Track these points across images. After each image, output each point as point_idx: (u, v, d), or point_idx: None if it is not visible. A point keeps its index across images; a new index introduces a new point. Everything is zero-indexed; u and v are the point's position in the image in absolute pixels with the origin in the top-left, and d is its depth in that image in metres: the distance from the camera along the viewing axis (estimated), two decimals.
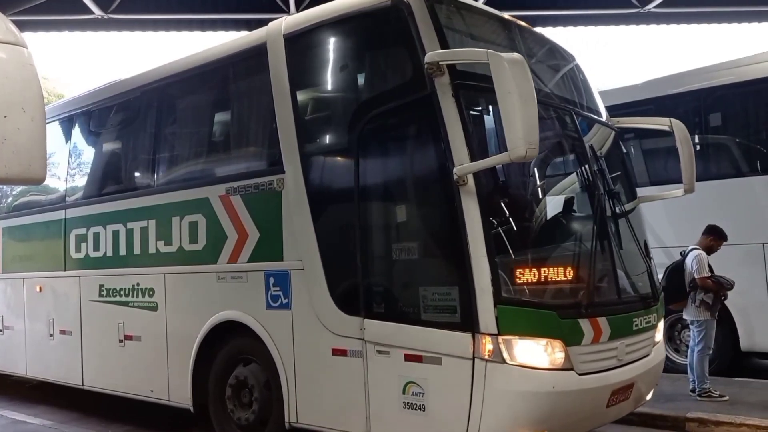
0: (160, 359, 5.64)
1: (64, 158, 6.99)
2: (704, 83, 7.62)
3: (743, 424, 5.25)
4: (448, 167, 3.80)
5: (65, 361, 6.71)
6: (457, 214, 3.75)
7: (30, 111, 2.37)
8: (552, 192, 4.52)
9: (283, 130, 4.75)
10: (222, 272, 5.14)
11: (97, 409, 6.79)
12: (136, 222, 5.92)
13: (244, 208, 5.00)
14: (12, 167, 2.34)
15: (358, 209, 4.26)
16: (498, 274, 3.66)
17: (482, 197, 3.75)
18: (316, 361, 4.50)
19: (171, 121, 5.91)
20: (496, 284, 3.64)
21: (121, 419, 6.44)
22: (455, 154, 3.78)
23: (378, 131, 4.27)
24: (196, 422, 5.71)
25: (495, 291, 3.64)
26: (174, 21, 12.72)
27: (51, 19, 12.32)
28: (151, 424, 6.21)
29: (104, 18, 11.88)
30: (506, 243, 3.82)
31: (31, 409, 7.19)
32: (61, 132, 7.11)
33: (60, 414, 6.90)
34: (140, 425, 6.24)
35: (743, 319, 7.01)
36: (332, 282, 4.40)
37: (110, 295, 6.18)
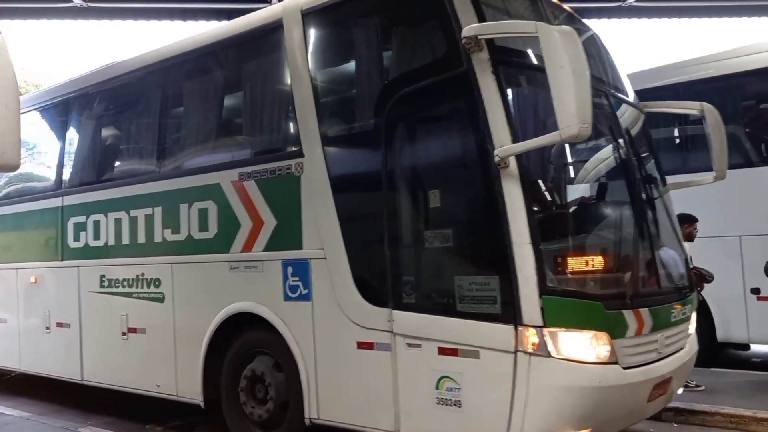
0: (168, 353, 5.38)
1: (61, 143, 6.67)
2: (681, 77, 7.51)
3: (718, 413, 5.27)
4: (487, 149, 3.57)
5: (63, 355, 6.41)
6: (498, 199, 3.53)
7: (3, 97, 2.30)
8: (594, 177, 4.31)
9: (302, 112, 4.49)
10: (235, 261, 4.88)
11: (78, 401, 6.64)
12: (140, 209, 5.63)
13: (259, 194, 4.74)
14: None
15: (386, 195, 4.01)
16: (543, 263, 3.44)
17: (525, 181, 3.52)
18: (340, 354, 4.27)
19: (178, 103, 5.61)
20: (541, 273, 3.43)
21: (102, 411, 6.29)
22: (495, 135, 3.55)
23: (407, 111, 4.02)
24: (181, 414, 5.69)
25: (540, 280, 3.42)
26: (154, 10, 12.40)
27: (29, 7, 11.95)
28: (132, 416, 6.05)
29: (84, 6, 11.53)
30: (550, 229, 3.61)
31: (10, 401, 7.02)
32: (58, 116, 6.79)
33: (39, 406, 6.74)
34: (121, 417, 6.09)
35: (720, 310, 7.03)
36: (357, 272, 4.16)
37: (112, 286, 5.90)
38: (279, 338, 4.61)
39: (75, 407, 6.54)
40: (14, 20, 12.42)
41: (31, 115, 7.11)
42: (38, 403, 6.86)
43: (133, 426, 5.82)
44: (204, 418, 5.48)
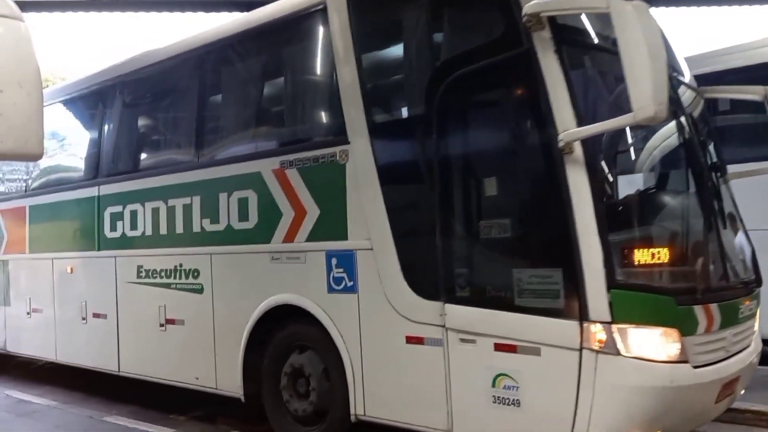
0: (207, 345, 5.27)
1: (97, 132, 6.58)
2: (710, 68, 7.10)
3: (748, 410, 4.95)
4: (549, 133, 3.36)
5: (99, 345, 6.35)
6: (561, 187, 3.32)
7: (27, 86, 2.32)
8: (660, 164, 4.07)
9: (348, 98, 4.32)
10: (276, 252, 4.74)
11: (102, 390, 6.64)
12: (178, 199, 5.51)
13: (301, 182, 4.58)
14: (7, 143, 2.30)
15: (438, 182, 3.82)
16: (611, 255, 3.23)
17: (591, 167, 3.31)
18: (387, 349, 4.10)
19: (217, 91, 5.47)
20: (609, 265, 3.21)
21: (126, 400, 6.28)
22: (559, 119, 3.33)
23: (461, 95, 3.82)
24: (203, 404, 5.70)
25: (608, 273, 3.21)
26: (178, 2, 12.33)
27: (53, 1, 11.94)
28: (156, 405, 6.02)
29: None
30: (617, 219, 3.39)
31: (36, 389, 7.11)
32: (94, 104, 6.71)
33: (64, 394, 6.79)
34: (145, 406, 6.06)
35: None
36: (406, 263, 3.99)
37: (150, 277, 5.80)
38: (322, 331, 4.46)
39: (99, 396, 6.56)
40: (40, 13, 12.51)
41: (67, 105, 7.07)
42: (63, 391, 6.93)
43: (157, 415, 5.81)
44: (225, 408, 5.51)
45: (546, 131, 3.39)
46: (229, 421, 5.49)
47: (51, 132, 7.36)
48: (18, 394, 6.95)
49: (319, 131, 4.60)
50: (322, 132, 4.58)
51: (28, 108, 2.34)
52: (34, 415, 6.10)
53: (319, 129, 4.61)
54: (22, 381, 7.55)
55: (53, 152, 7.29)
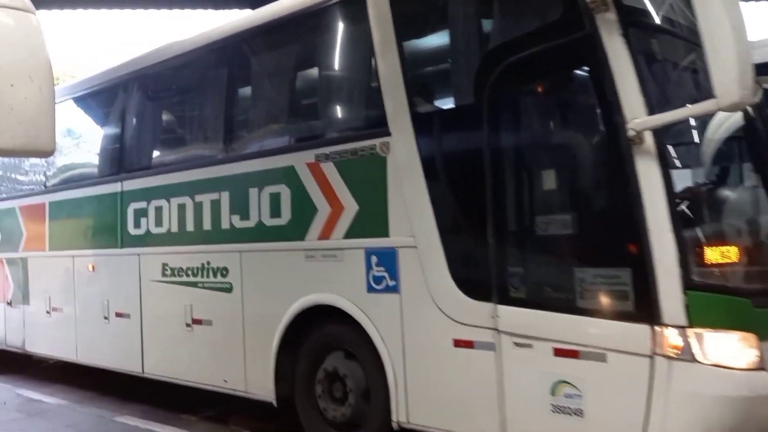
0: (236, 346, 5.06)
1: (119, 126, 6.39)
2: None
3: None
4: (616, 122, 3.12)
5: (122, 346, 6.16)
6: (630, 180, 3.07)
7: (38, 80, 2.29)
8: (732, 157, 3.82)
9: (389, 87, 4.09)
10: (311, 250, 4.52)
11: (112, 390, 6.59)
12: (205, 194, 5.30)
13: (338, 176, 4.36)
14: (18, 138, 2.26)
15: (490, 175, 3.58)
16: (686, 253, 2.98)
17: (663, 159, 3.06)
18: (433, 353, 3.88)
19: (246, 82, 5.25)
20: (684, 265, 2.97)
21: (138, 399, 6.22)
22: (627, 107, 3.09)
23: (515, 82, 3.58)
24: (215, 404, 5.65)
25: (683, 273, 2.96)
26: None
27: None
28: (167, 405, 5.94)
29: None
30: (693, 215, 3.15)
31: (48, 388, 7.06)
32: (116, 98, 6.51)
33: (75, 393, 6.74)
34: (156, 405, 5.99)
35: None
36: (454, 262, 3.76)
37: (176, 275, 5.60)
38: (361, 333, 4.24)
39: (110, 395, 6.50)
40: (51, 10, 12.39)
41: (88, 98, 6.88)
42: (74, 390, 6.86)
43: (168, 415, 5.73)
44: (236, 407, 5.46)
45: (612, 120, 3.14)
46: (240, 421, 5.41)
47: (72, 126, 7.20)
48: (29, 392, 6.88)
49: (357, 123, 4.37)
50: (361, 124, 4.35)
51: (39, 103, 2.29)
52: (45, 414, 6.05)
53: (358, 120, 4.37)
54: (33, 379, 7.50)
55: (74, 147, 7.12)
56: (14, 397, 6.77)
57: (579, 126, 3.46)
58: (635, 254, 3.07)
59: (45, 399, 6.56)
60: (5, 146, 2.27)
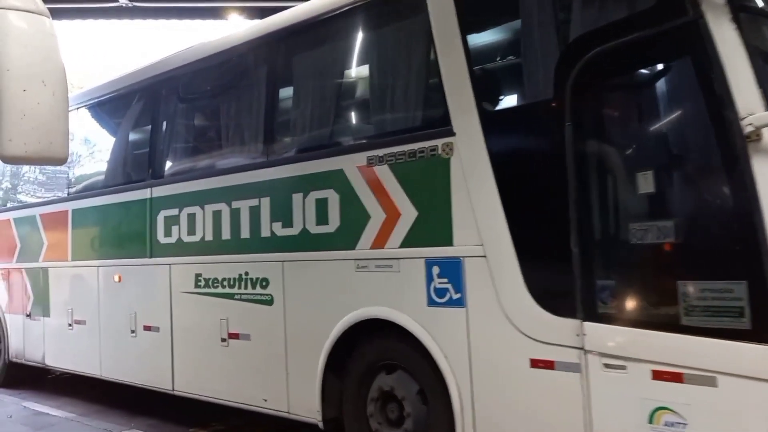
0: (277, 363, 4.72)
1: (148, 130, 6.09)
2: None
3: None
4: (728, 118, 2.78)
5: (151, 361, 5.84)
6: (746, 181, 2.73)
7: (51, 85, 2.24)
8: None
9: (452, 83, 3.76)
10: (363, 260, 4.19)
11: (121, 402, 6.53)
12: (244, 200, 4.98)
13: (394, 180, 4.03)
14: (31, 145, 2.21)
15: (574, 178, 3.24)
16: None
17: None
18: (506, 374, 3.53)
19: (289, 80, 4.94)
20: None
21: (146, 413, 6.14)
22: (741, 101, 2.75)
23: (603, 75, 3.24)
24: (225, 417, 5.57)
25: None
26: (200, 9, 11.98)
27: (76, 8, 11.74)
28: (176, 418, 5.85)
29: (129, 6, 11.30)
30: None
31: (54, 400, 7.00)
32: (144, 100, 6.22)
33: (83, 406, 6.68)
34: (164, 419, 5.92)
35: None
36: (531, 274, 3.41)
37: (210, 286, 5.28)
38: (419, 350, 3.90)
39: (118, 408, 6.42)
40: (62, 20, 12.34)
41: (115, 101, 6.59)
42: (81, 403, 6.80)
43: (177, 428, 5.65)
44: (248, 421, 5.38)
45: (723, 116, 2.80)
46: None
47: (97, 130, 6.92)
48: (35, 405, 6.79)
49: (415, 122, 4.04)
50: (420, 123, 4.01)
51: (52, 108, 2.24)
52: (52, 428, 5.96)
53: (415, 119, 4.04)
54: (41, 392, 7.39)
55: (99, 151, 6.83)
56: (20, 410, 6.67)
57: (681, 123, 3.11)
58: (752, 265, 2.72)
59: (52, 412, 6.46)
60: (17, 153, 2.20)
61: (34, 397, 7.17)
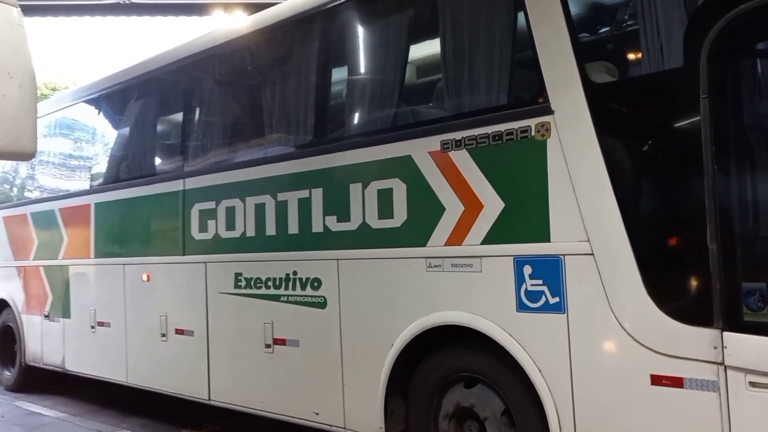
0: (331, 373, 4.23)
1: (181, 116, 5.60)
2: None
3: None
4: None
5: (184, 368, 5.36)
6: None
7: (18, 77, 2.20)
8: None
9: (549, 52, 3.26)
10: (436, 258, 3.68)
11: (114, 402, 6.51)
12: (291, 192, 4.49)
13: (474, 167, 3.53)
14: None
15: (709, 161, 2.72)
16: None
17: None
18: (619, 391, 3.01)
19: (345, 55, 4.43)
20: None
21: (139, 413, 6.13)
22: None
23: (750, 39, 2.73)
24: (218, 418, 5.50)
25: None
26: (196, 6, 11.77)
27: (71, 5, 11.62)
28: (168, 419, 5.82)
29: (125, 3, 11.12)
30: None
31: (47, 400, 6.97)
32: (175, 84, 5.74)
33: (75, 406, 6.66)
34: (157, 419, 5.90)
35: None
36: (653, 274, 2.90)
37: (252, 287, 4.79)
38: (505, 362, 3.40)
39: (111, 408, 6.40)
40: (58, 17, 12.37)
41: (143, 85, 6.11)
42: (74, 403, 6.79)
43: (169, 429, 5.62)
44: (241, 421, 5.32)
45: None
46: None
47: (122, 117, 6.44)
48: (28, 405, 6.73)
49: (500, 99, 3.52)
50: (508, 100, 3.50)
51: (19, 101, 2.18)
52: (44, 428, 5.89)
53: (501, 96, 3.52)
54: (34, 392, 7.30)
55: (125, 140, 6.35)
56: (13, 410, 6.57)
57: None
58: None
59: (45, 412, 6.41)
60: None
61: (27, 396, 7.09)
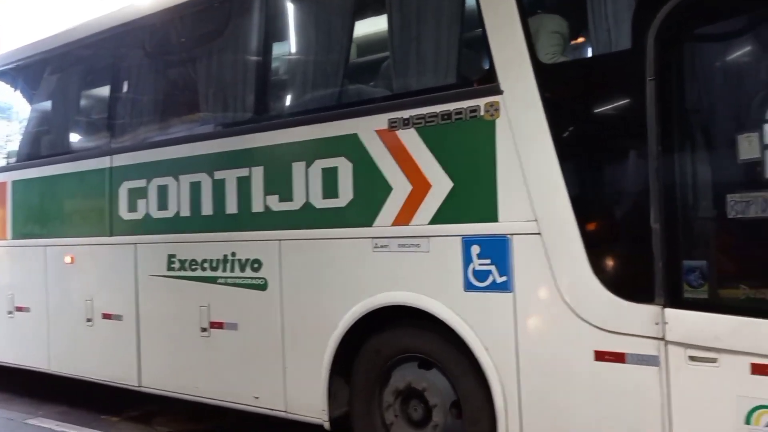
0: (272, 356, 4.13)
1: (109, 88, 5.29)
2: None
3: None
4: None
5: (112, 354, 5.11)
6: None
7: None
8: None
9: (499, 33, 3.25)
10: (383, 238, 3.64)
11: (28, 390, 6.20)
12: (230, 170, 4.34)
13: (423, 146, 3.50)
14: None
15: (653, 142, 2.79)
16: None
17: None
18: (563, 368, 3.07)
19: (288, 29, 4.28)
20: None
21: (54, 400, 5.88)
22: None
23: (697, 22, 2.80)
24: (138, 403, 5.40)
25: None
26: None
27: None
28: (86, 405, 5.63)
29: None
30: None
31: None
32: (100, 57, 5.41)
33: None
34: (74, 406, 5.68)
35: None
36: (599, 253, 2.96)
37: (186, 269, 4.60)
38: (451, 340, 3.40)
39: (25, 396, 6.11)
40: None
41: (66, 55, 5.72)
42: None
43: (88, 416, 5.40)
44: (162, 407, 5.28)
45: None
46: (166, 422, 5.15)
47: (42, 89, 6.02)
48: None
49: (450, 78, 3.49)
50: (457, 79, 3.47)
51: None
52: None
53: (451, 75, 3.49)
54: None
55: (46, 114, 5.95)
56: None
57: None
58: None
59: None
60: None
61: None
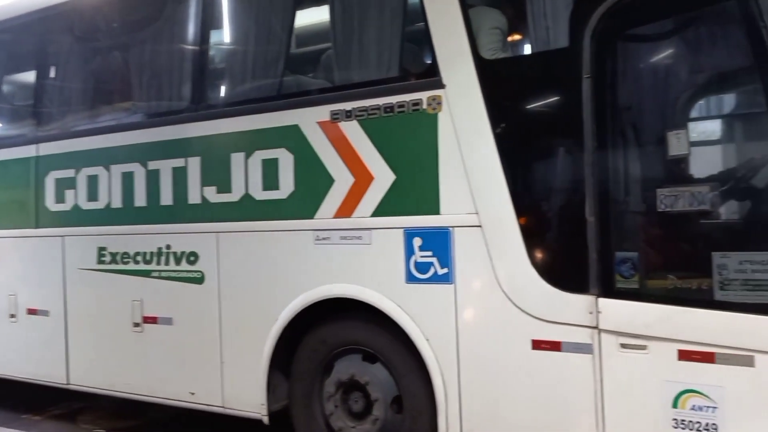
0: (209, 350, 4.05)
1: (35, 74, 5.04)
2: None
3: None
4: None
5: (38, 351, 4.89)
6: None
7: None
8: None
9: (441, 28, 3.29)
10: (325, 230, 3.62)
11: None
12: (165, 160, 4.21)
13: (365, 138, 3.49)
14: None
15: (589, 137, 2.89)
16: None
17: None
18: (502, 357, 3.14)
19: (226, 17, 4.18)
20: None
21: None
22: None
23: (632, 21, 2.91)
24: (62, 401, 5.28)
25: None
26: None
27: None
28: (7, 404, 5.40)
29: None
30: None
31: None
32: (24, 40, 5.14)
33: None
34: (21, 402, 5.45)
35: None
36: (536, 245, 3.04)
37: (118, 262, 4.45)
38: (392, 332, 3.43)
39: None
40: None
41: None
42: None
43: (8, 415, 5.22)
44: (87, 404, 5.22)
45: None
46: (91, 420, 5.08)
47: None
48: None
49: (393, 71, 3.49)
50: (399, 72, 3.48)
51: None
52: None
53: (394, 68, 3.49)
54: None
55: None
56: None
57: (723, 77, 2.85)
58: None
59: None
60: None
61: None
